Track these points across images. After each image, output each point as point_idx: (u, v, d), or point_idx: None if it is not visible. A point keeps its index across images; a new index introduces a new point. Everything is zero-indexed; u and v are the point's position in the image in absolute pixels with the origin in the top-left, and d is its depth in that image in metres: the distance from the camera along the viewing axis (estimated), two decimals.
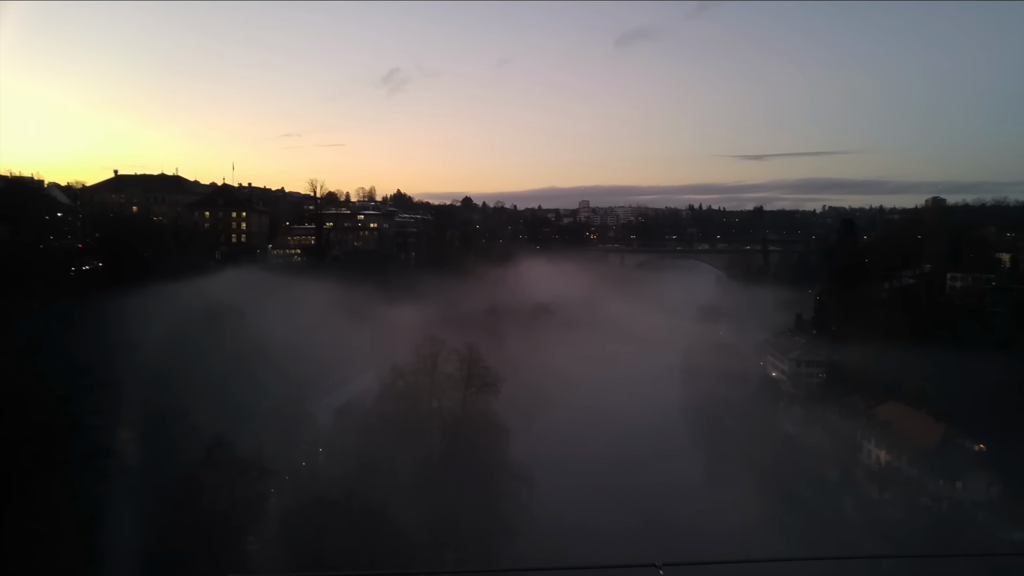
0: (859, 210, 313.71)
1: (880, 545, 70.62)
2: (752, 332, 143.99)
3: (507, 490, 73.83)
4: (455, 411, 78.44)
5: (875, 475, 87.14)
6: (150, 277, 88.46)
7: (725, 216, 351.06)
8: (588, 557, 55.25)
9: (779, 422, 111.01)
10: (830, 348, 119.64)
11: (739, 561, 6.62)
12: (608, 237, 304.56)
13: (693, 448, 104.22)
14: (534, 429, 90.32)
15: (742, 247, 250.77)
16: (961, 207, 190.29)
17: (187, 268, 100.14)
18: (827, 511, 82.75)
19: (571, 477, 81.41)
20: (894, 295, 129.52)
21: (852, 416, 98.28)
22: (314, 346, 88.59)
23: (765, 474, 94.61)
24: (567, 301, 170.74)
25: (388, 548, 53.55)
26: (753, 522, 76.98)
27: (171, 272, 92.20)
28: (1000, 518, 71.98)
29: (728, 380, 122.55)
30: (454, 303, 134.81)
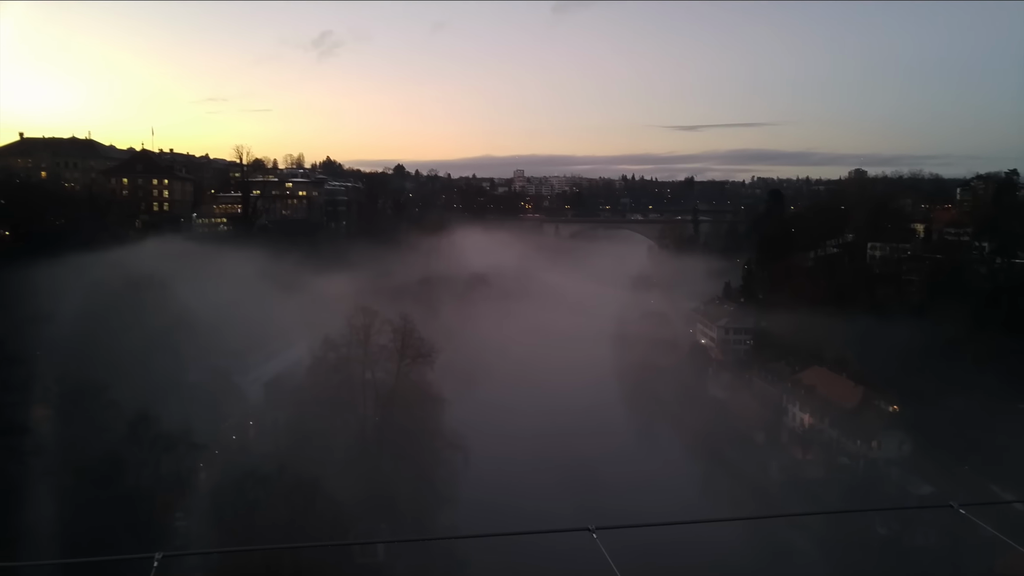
0: (787, 181, 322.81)
1: (803, 503, 73.53)
2: (682, 300, 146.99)
3: (442, 459, 73.86)
4: (389, 382, 77.63)
5: (799, 437, 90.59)
6: (63, 247, 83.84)
7: (657, 187, 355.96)
8: (524, 523, 55.71)
9: (708, 387, 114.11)
10: (757, 315, 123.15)
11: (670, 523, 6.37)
12: (543, 207, 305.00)
13: (626, 414, 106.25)
14: (470, 399, 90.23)
15: (674, 217, 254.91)
16: (881, 179, 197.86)
17: (104, 237, 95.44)
18: (753, 472, 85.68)
19: (507, 445, 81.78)
20: (818, 264, 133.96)
21: (778, 381, 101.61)
22: (242, 318, 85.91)
23: (695, 438, 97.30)
24: (502, 271, 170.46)
25: (322, 520, 52.86)
26: (683, 484, 79.16)
27: (86, 242, 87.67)
28: (910, 473, 75.99)
29: (659, 347, 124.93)
30: (387, 273, 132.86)
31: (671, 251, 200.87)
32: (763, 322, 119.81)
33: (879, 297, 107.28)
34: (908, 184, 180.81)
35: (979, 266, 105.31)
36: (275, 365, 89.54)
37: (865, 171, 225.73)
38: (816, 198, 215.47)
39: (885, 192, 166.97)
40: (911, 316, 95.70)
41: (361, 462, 67.40)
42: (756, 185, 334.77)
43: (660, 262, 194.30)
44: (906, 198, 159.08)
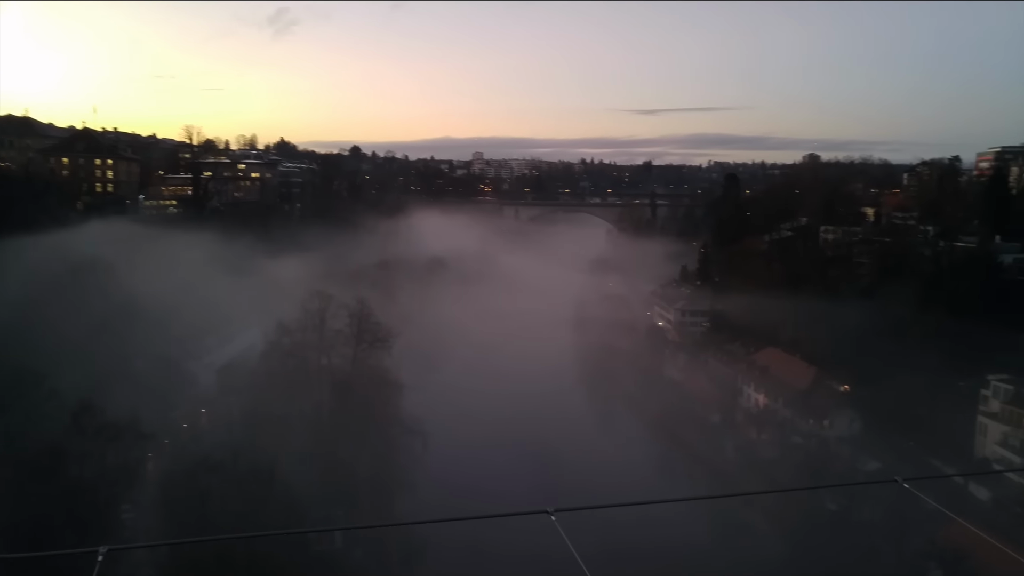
0: (743, 165, 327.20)
1: (757, 482, 74.82)
2: (641, 283, 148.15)
3: (400, 445, 73.16)
4: (345, 368, 76.64)
5: (753, 417, 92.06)
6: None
7: (616, 170, 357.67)
8: (483, 507, 55.65)
9: (665, 369, 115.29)
10: (713, 298, 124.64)
11: (628, 504, 6.62)
12: (502, 190, 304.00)
13: (585, 396, 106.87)
14: (428, 383, 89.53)
15: (632, 201, 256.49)
16: (834, 164, 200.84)
17: (44, 220, 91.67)
18: (709, 452, 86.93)
19: (466, 429, 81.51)
20: (773, 247, 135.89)
21: (733, 362, 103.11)
22: (192, 303, 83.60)
23: (652, 419, 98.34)
24: (461, 254, 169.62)
25: (278, 508, 51.94)
26: (641, 465, 79.93)
27: (23, 224, 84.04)
28: (859, 451, 77.77)
29: (618, 329, 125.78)
30: (343, 256, 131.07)
31: (629, 234, 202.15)
32: (719, 304, 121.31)
33: (831, 279, 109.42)
34: (859, 169, 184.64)
35: (924, 249, 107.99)
36: (228, 351, 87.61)
37: (818, 156, 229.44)
38: (771, 182, 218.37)
39: (837, 177, 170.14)
40: (861, 298, 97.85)
41: (317, 449, 66.36)
42: (713, 169, 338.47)
43: (618, 245, 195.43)
44: (857, 183, 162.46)
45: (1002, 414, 72.65)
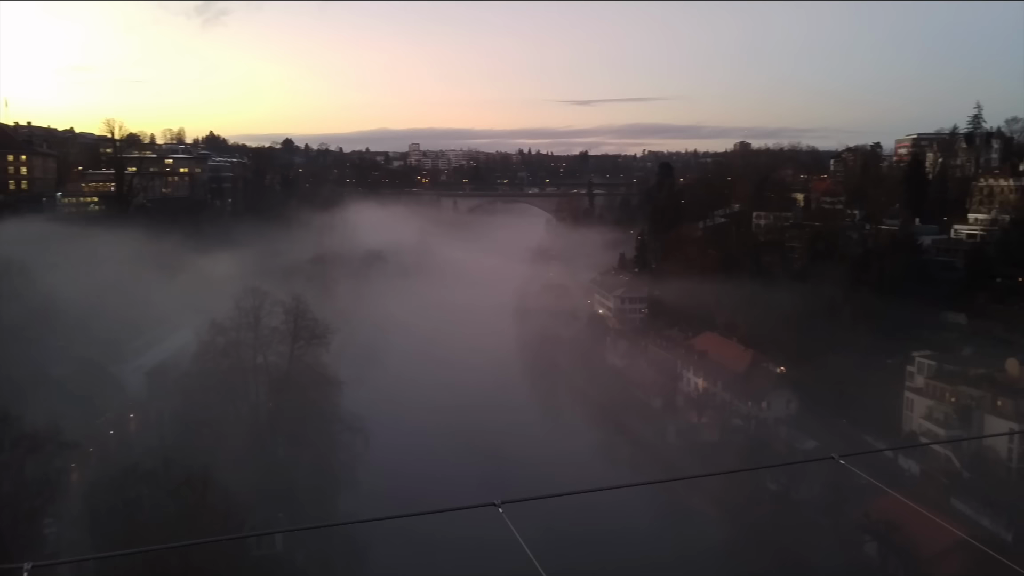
0: (676, 154, 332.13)
1: (699, 466, 75.97)
2: (580, 272, 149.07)
3: (341, 443, 71.63)
4: (282, 366, 74.49)
5: (694, 401, 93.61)
6: None
7: (553, 160, 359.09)
8: (429, 502, 54.85)
9: (606, 356, 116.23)
10: (651, 285, 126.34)
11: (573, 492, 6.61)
12: (440, 181, 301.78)
13: (528, 386, 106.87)
14: (369, 379, 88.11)
15: (569, 191, 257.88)
16: (764, 151, 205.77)
17: None
18: (652, 438, 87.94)
19: (409, 424, 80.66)
20: (708, 233, 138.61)
21: (672, 348, 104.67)
22: (117, 304, 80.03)
23: (595, 406, 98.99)
24: (400, 247, 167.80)
25: (214, 514, 49.99)
26: (585, 453, 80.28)
27: None
28: (797, 430, 79.91)
29: (559, 319, 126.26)
30: (277, 252, 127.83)
31: (568, 224, 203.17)
32: (657, 291, 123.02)
33: (764, 264, 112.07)
34: (788, 156, 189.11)
35: (852, 232, 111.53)
36: (157, 353, 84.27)
37: (749, 144, 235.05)
38: (704, 170, 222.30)
39: (767, 164, 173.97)
40: (794, 281, 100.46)
41: (255, 450, 64.47)
42: (647, 158, 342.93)
43: (558, 235, 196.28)
44: (787, 169, 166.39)
45: (926, 388, 75.54)
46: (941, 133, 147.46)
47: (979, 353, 76.60)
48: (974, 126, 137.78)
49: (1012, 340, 78.00)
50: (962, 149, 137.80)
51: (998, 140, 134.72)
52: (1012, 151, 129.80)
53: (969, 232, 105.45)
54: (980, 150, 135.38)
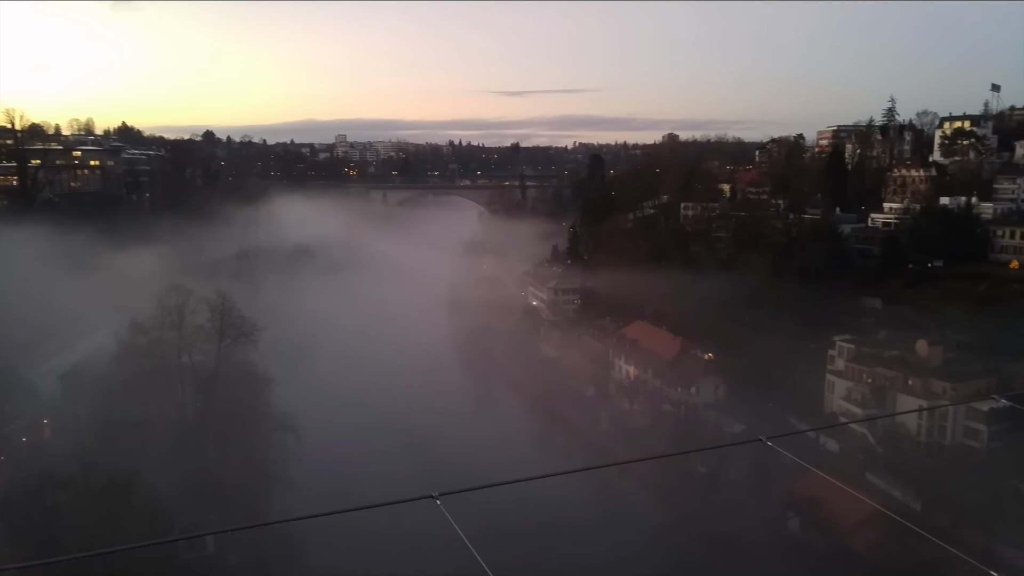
0: (606, 146, 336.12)
1: (632, 451, 77.51)
2: (514, 264, 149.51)
3: (273, 441, 70.29)
4: (209, 365, 72.64)
5: (626, 389, 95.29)
6: None
7: (484, 152, 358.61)
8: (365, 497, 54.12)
9: (541, 347, 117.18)
10: (584, 275, 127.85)
11: (510, 482, 6.58)
12: (368, 173, 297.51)
13: (463, 378, 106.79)
14: (300, 376, 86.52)
15: (501, 183, 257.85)
16: (692, 143, 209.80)
17: None
18: (586, 426, 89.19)
19: (343, 420, 79.50)
20: (637, 224, 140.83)
21: (604, 337, 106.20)
22: (25, 305, 75.83)
23: (530, 396, 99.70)
24: (328, 241, 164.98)
25: (140, 519, 48.43)
26: (522, 443, 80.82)
27: None
28: (725, 414, 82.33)
29: (493, 311, 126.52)
30: (200, 248, 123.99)
31: (501, 216, 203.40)
32: (589, 281, 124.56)
33: (693, 254, 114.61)
34: (715, 147, 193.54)
35: (776, 222, 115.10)
36: (72, 355, 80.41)
37: (677, 136, 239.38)
38: (634, 162, 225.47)
39: (695, 155, 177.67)
40: (721, 270, 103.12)
41: (182, 452, 62.62)
42: (578, 150, 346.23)
43: (491, 227, 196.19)
44: (713, 161, 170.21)
45: (846, 371, 78.92)
46: (859, 125, 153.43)
47: (893, 336, 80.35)
48: (888, 119, 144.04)
49: (922, 323, 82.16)
50: (878, 141, 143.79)
51: (910, 132, 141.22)
52: (922, 143, 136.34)
53: (884, 220, 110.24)
54: (894, 142, 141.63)
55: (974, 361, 72.41)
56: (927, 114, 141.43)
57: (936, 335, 77.28)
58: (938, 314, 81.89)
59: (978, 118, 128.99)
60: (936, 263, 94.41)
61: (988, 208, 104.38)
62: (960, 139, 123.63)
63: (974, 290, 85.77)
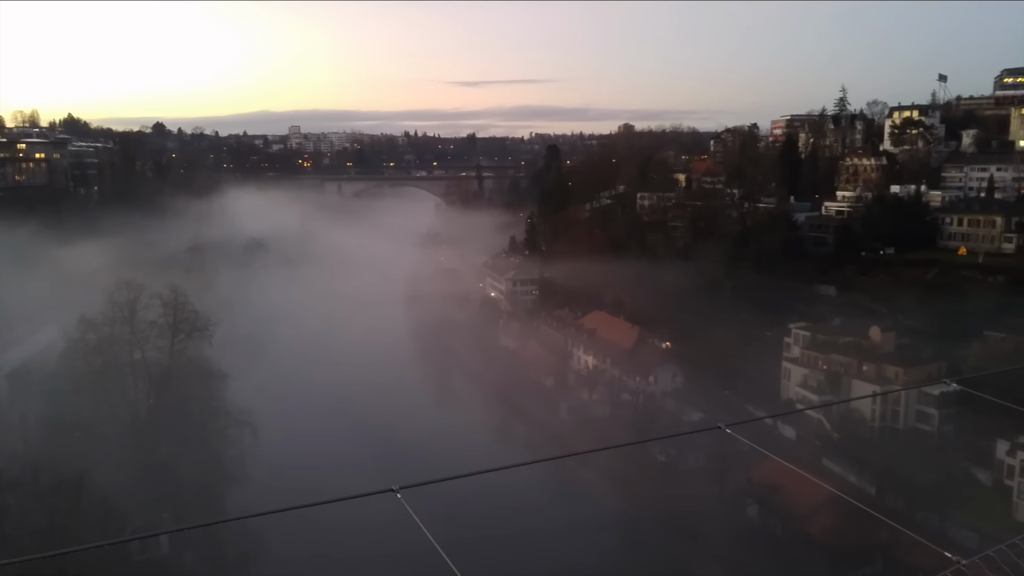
0: (562, 136, 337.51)
1: (591, 441, 77.87)
2: (472, 256, 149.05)
3: (228, 438, 68.78)
4: (163, 361, 70.71)
5: (585, 379, 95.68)
6: None
7: (441, 143, 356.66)
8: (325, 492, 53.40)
9: (500, 338, 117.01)
10: (542, 266, 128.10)
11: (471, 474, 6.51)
12: (323, 165, 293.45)
13: (422, 371, 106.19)
14: (256, 371, 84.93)
15: (458, 173, 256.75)
16: (647, 133, 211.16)
17: None
18: (545, 416, 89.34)
19: (302, 415, 78.43)
20: (594, 214, 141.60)
21: (563, 327, 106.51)
22: None
23: (490, 388, 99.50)
24: (283, 234, 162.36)
25: (91, 520, 47.12)
26: (482, 434, 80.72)
27: None
28: (683, 403, 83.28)
29: (451, 303, 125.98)
30: (151, 242, 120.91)
31: (458, 207, 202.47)
32: (547, 272, 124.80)
33: (649, 243, 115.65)
34: (670, 138, 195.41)
35: (731, 211, 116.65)
36: (18, 353, 77.83)
37: (632, 126, 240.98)
38: (590, 153, 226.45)
39: (650, 146, 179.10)
40: (678, 259, 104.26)
41: (135, 451, 60.91)
42: (535, 141, 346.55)
43: (448, 218, 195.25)
44: (669, 151, 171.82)
45: (802, 358, 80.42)
46: (812, 115, 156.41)
47: (847, 322, 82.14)
48: (840, 108, 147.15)
49: (875, 309, 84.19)
50: (830, 130, 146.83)
51: (861, 122, 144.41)
52: (873, 132, 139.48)
53: (838, 209, 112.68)
54: (846, 131, 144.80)
55: (925, 346, 74.48)
56: (877, 104, 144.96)
57: (888, 321, 79.26)
58: (890, 301, 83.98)
59: (926, 108, 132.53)
60: (888, 250, 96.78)
61: (937, 196, 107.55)
62: (909, 128, 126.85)
63: (924, 277, 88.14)
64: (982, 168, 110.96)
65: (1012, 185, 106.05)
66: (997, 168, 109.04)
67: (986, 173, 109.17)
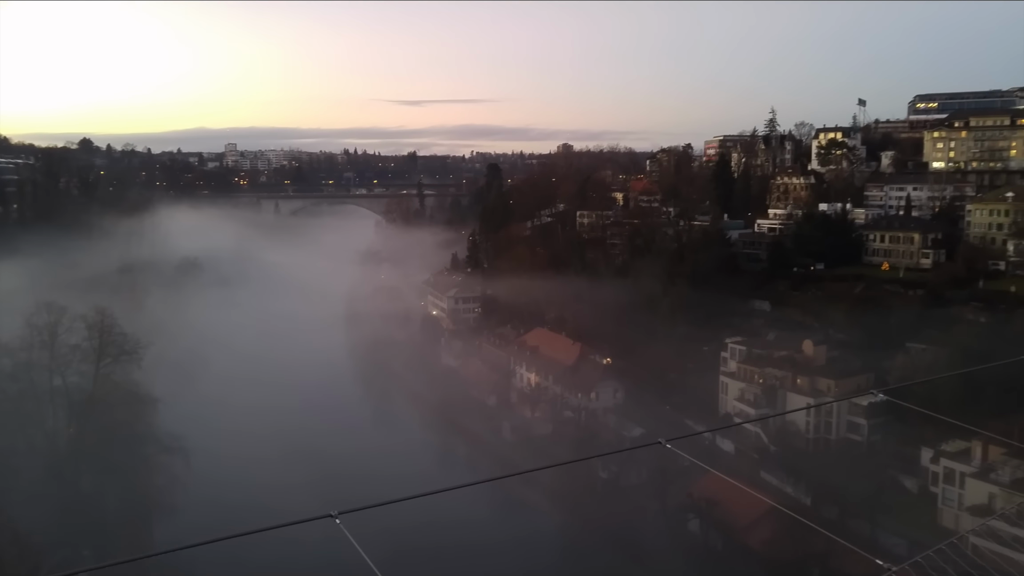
0: (503, 155, 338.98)
1: (534, 459, 77.52)
2: (413, 274, 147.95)
3: (158, 465, 66.04)
4: (86, 387, 67.69)
5: (527, 396, 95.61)
6: None
7: (381, 160, 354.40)
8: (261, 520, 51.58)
9: (441, 357, 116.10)
10: (484, 284, 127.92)
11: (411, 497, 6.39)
12: (260, 183, 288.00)
13: (362, 392, 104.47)
14: (188, 396, 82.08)
15: (399, 191, 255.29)
16: (586, 153, 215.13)
17: None
18: (488, 435, 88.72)
19: (237, 440, 75.78)
20: (535, 232, 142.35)
21: (505, 345, 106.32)
22: None
23: (431, 408, 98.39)
24: (218, 254, 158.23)
25: (3, 560, 44.27)
26: (423, 456, 79.57)
27: None
28: (624, 419, 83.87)
29: (392, 322, 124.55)
30: (76, 262, 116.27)
31: (399, 225, 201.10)
32: (489, 290, 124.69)
33: (589, 260, 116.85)
34: (608, 157, 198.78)
35: (667, 229, 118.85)
36: None
37: (571, 145, 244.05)
38: (530, 171, 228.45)
39: (590, 165, 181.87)
40: (617, 276, 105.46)
41: (53, 483, 57.92)
42: (476, 159, 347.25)
43: (388, 236, 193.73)
44: (607, 170, 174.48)
45: (738, 372, 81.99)
46: (744, 135, 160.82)
47: (781, 337, 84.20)
48: (770, 129, 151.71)
49: (807, 323, 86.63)
50: (761, 150, 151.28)
51: (790, 142, 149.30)
52: (801, 152, 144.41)
53: (770, 226, 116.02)
54: (776, 151, 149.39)
55: (854, 359, 76.88)
56: (804, 125, 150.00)
57: (820, 335, 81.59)
58: (821, 315, 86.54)
59: (848, 130, 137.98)
60: (818, 266, 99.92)
61: (861, 214, 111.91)
62: (834, 149, 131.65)
63: (852, 291, 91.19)
64: (900, 188, 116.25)
65: (927, 203, 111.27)
66: (913, 187, 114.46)
67: (904, 192, 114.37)
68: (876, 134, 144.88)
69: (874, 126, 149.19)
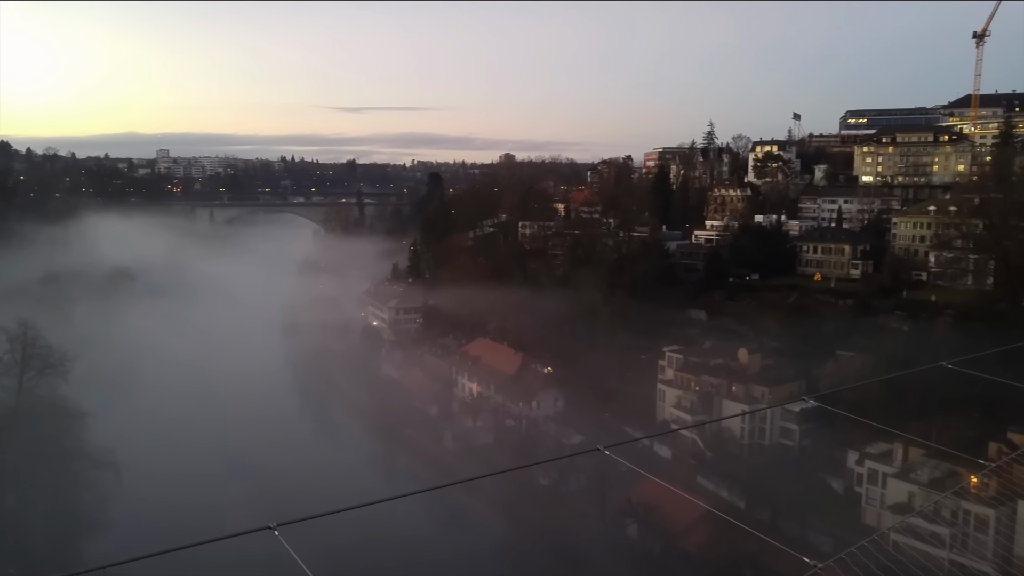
0: (445, 165, 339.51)
1: (475, 467, 77.57)
2: (352, 284, 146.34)
3: (87, 481, 63.74)
4: (8, 401, 65.06)
5: (469, 406, 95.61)
6: None
7: (319, 168, 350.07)
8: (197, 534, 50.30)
9: (382, 368, 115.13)
10: (425, 294, 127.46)
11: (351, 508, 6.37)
12: (194, 191, 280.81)
13: (301, 403, 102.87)
14: (118, 409, 79.45)
15: (338, 200, 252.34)
16: (528, 163, 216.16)
17: None
18: (429, 445, 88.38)
19: (171, 454, 73.76)
20: (477, 242, 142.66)
21: (447, 355, 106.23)
22: None
23: (372, 419, 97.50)
24: (150, 263, 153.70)
25: None
26: (364, 467, 78.72)
27: None
28: (564, 426, 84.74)
29: (331, 332, 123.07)
30: None
31: (338, 234, 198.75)
32: (431, 300, 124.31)
33: (531, 270, 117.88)
34: (549, 168, 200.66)
35: (607, 239, 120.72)
36: None
37: (514, 156, 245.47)
38: (473, 181, 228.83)
39: (531, 175, 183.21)
40: (558, 286, 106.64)
41: None
42: (417, 168, 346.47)
43: (327, 246, 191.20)
44: (548, 181, 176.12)
45: (676, 380, 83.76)
46: (682, 147, 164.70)
47: (717, 345, 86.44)
48: (708, 142, 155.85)
49: (742, 332, 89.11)
50: (699, 162, 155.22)
51: (727, 155, 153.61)
52: (738, 164, 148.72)
53: (707, 237, 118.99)
54: (714, 163, 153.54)
55: (787, 366, 79.43)
56: (742, 138, 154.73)
57: (755, 343, 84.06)
58: (756, 324, 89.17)
59: (783, 143, 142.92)
60: (753, 276, 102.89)
61: (795, 225, 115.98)
62: (770, 162, 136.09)
63: (785, 301, 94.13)
64: (832, 200, 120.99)
65: (857, 216, 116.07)
66: (845, 200, 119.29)
67: (835, 205, 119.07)
68: (810, 148, 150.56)
69: (808, 140, 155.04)
